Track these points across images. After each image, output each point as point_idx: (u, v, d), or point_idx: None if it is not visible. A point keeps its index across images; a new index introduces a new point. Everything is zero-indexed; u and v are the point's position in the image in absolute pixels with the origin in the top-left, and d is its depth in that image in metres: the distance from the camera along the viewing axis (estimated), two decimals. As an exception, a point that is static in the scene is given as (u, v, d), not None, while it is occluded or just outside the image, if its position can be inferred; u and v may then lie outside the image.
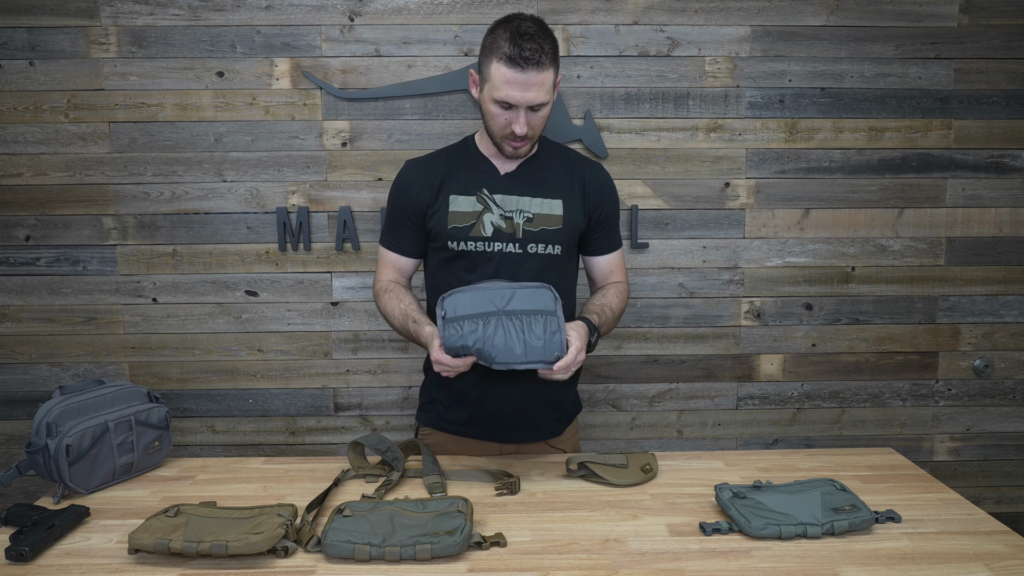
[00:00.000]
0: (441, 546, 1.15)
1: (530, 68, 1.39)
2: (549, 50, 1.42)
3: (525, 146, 1.50)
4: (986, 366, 2.35)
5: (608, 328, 1.58)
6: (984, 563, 1.15)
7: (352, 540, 1.16)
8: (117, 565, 1.16)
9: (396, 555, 1.14)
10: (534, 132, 1.49)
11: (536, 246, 1.54)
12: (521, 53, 1.38)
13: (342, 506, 1.27)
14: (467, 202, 1.54)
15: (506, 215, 1.53)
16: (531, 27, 1.41)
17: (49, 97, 2.14)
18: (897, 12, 2.19)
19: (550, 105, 1.48)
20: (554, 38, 1.45)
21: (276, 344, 2.27)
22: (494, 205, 1.54)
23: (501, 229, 1.53)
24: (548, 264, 1.55)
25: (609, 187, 1.63)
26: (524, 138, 1.47)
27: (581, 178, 1.59)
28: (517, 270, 1.53)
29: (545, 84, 1.42)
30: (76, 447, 1.38)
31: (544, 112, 1.47)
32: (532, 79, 1.40)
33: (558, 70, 1.48)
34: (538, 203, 1.55)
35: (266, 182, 2.20)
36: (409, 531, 1.20)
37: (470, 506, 1.27)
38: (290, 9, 2.13)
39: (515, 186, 1.55)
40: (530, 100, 1.42)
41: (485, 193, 1.54)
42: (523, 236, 1.53)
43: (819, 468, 1.52)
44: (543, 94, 1.43)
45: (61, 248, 2.21)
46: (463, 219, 1.54)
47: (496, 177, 1.56)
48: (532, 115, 1.45)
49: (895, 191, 2.28)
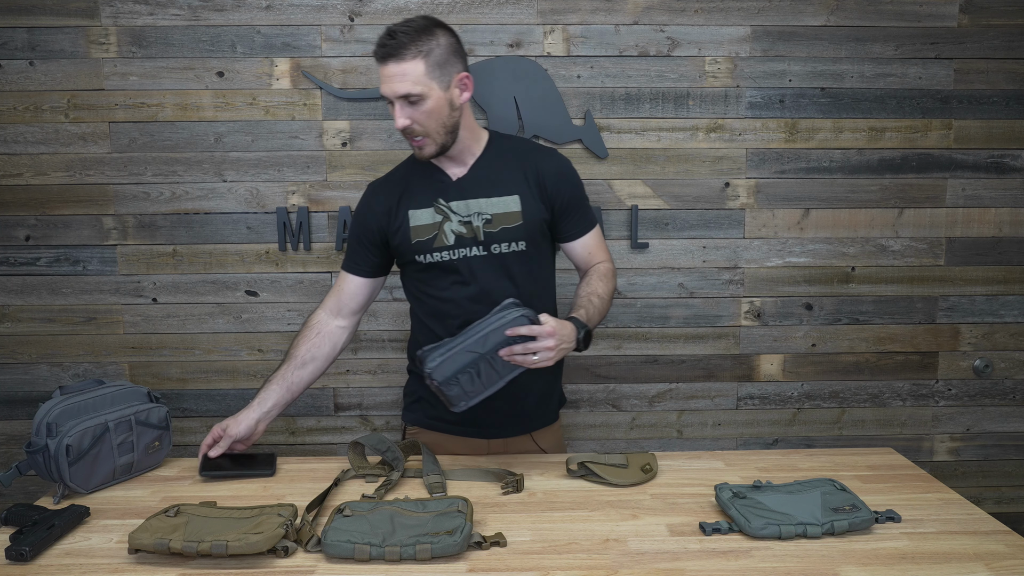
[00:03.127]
0: (441, 546, 1.15)
1: (389, 60, 1.42)
2: (409, 42, 1.41)
3: (427, 146, 1.49)
4: (986, 366, 2.35)
5: (600, 316, 1.56)
6: (984, 563, 1.15)
7: (352, 540, 1.16)
8: (117, 565, 1.16)
9: (396, 555, 1.14)
10: (424, 127, 1.46)
11: (499, 246, 1.55)
12: (381, 47, 1.43)
13: (342, 506, 1.27)
14: (426, 214, 1.56)
15: (464, 220, 1.54)
16: (401, 26, 1.44)
17: (49, 97, 2.14)
18: (897, 12, 2.19)
19: (435, 100, 1.44)
20: (429, 36, 1.43)
21: (276, 344, 2.27)
22: (451, 212, 1.55)
23: (463, 235, 1.54)
24: (515, 261, 1.56)
25: (565, 171, 1.61)
26: (416, 135, 1.47)
27: (535, 168, 1.57)
28: (485, 272, 1.55)
29: (408, 75, 1.41)
30: (76, 447, 1.38)
31: (427, 106, 1.44)
32: (392, 70, 1.42)
33: (439, 65, 1.44)
34: (494, 203, 1.55)
35: (266, 182, 2.20)
36: (409, 531, 1.20)
37: (470, 506, 1.27)
38: (290, 9, 2.13)
39: (469, 189, 1.55)
40: (394, 91, 1.43)
41: (441, 203, 1.55)
42: (485, 238, 1.54)
43: (819, 468, 1.52)
44: (407, 84, 1.42)
45: (61, 248, 2.21)
46: (425, 232, 1.56)
47: (449, 184, 1.56)
48: (413, 110, 1.44)
49: (895, 191, 2.28)
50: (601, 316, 1.57)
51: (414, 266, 1.59)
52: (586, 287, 1.59)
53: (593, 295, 1.56)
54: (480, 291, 1.55)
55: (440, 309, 1.60)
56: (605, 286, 1.59)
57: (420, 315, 1.65)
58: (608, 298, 1.59)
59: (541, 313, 1.40)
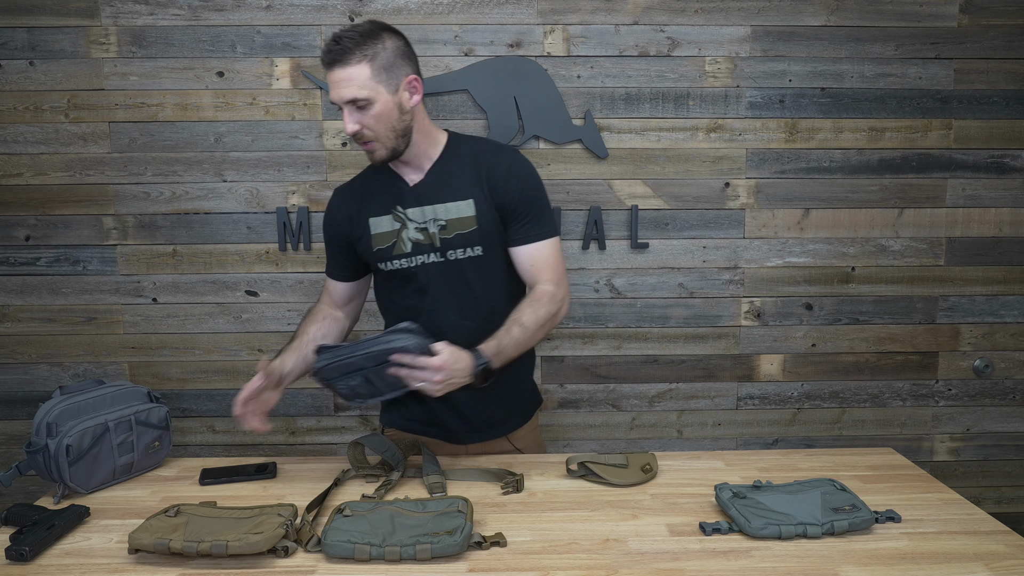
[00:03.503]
0: (441, 546, 1.15)
1: (335, 65, 1.40)
2: (355, 47, 1.40)
3: (377, 151, 1.46)
4: (986, 366, 2.35)
5: (518, 347, 1.46)
6: (984, 563, 1.15)
7: (352, 540, 1.16)
8: (117, 565, 1.16)
9: (396, 555, 1.14)
10: (375, 133, 1.44)
11: (455, 252, 1.52)
12: (326, 54, 1.41)
13: (342, 506, 1.27)
14: (385, 222, 1.55)
15: (420, 227, 1.52)
16: (346, 32, 1.42)
17: (49, 97, 2.14)
18: (897, 12, 2.19)
19: (384, 104, 1.42)
20: (375, 36, 1.42)
21: (276, 344, 2.27)
22: (408, 220, 1.53)
23: (420, 242, 1.52)
24: (471, 267, 1.53)
25: (517, 171, 1.53)
26: (365, 139, 1.45)
27: (487, 169, 1.52)
28: (444, 279, 1.53)
29: (354, 80, 1.40)
30: (76, 447, 1.38)
31: (376, 110, 1.42)
32: (337, 75, 1.40)
33: (385, 69, 1.42)
34: (449, 208, 1.51)
35: (266, 182, 2.20)
36: (409, 531, 1.20)
37: (470, 506, 1.27)
38: (290, 9, 2.13)
39: (425, 195, 1.53)
40: (341, 96, 1.41)
41: (398, 210, 1.54)
42: (441, 244, 1.52)
43: (819, 468, 1.52)
44: (353, 89, 1.40)
45: (61, 248, 2.21)
46: (385, 240, 1.55)
47: (406, 190, 1.54)
48: (361, 114, 1.42)
49: (895, 191, 2.28)
50: (520, 347, 1.48)
51: (378, 274, 1.60)
52: (513, 313, 1.49)
53: (515, 324, 1.46)
54: (437, 299, 1.54)
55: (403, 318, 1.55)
56: (534, 314, 1.48)
57: (386, 319, 1.66)
58: (535, 327, 1.48)
59: (440, 342, 1.36)
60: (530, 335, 1.48)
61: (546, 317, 1.50)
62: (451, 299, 1.54)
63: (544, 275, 1.54)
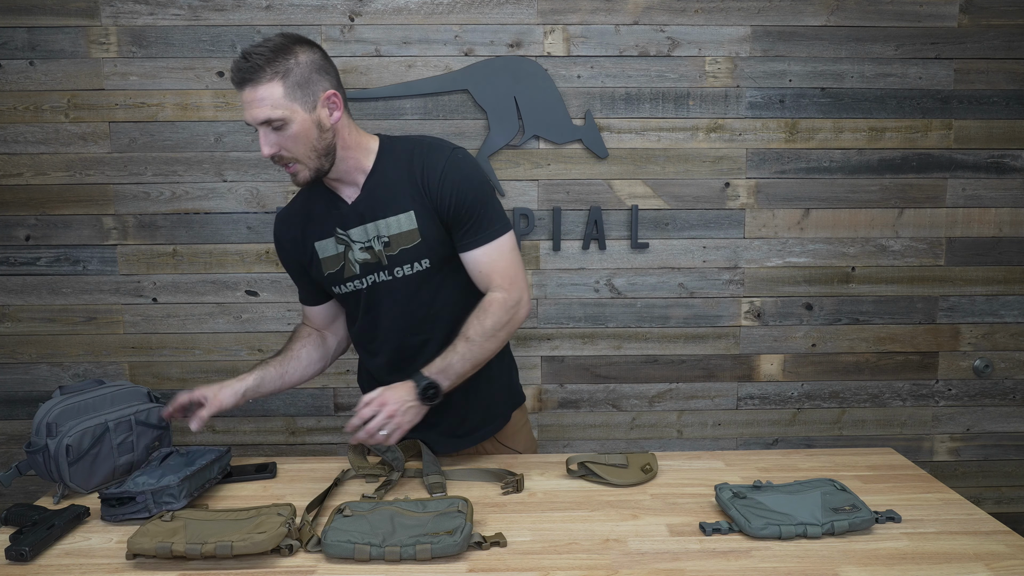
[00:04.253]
0: (441, 546, 1.15)
1: (245, 85, 1.31)
2: (265, 64, 1.30)
3: (301, 171, 1.38)
4: (986, 366, 2.35)
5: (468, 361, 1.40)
6: (984, 563, 1.15)
7: (352, 540, 1.16)
8: (117, 565, 1.16)
9: (396, 555, 1.14)
10: (295, 153, 1.35)
11: (403, 268, 1.44)
12: (235, 73, 1.31)
13: (342, 506, 1.27)
14: (330, 245, 1.48)
15: (365, 246, 1.45)
16: (256, 48, 1.31)
17: (49, 97, 2.14)
18: (897, 12, 2.19)
19: (301, 123, 1.33)
20: (287, 50, 1.32)
21: (276, 344, 2.27)
22: (351, 241, 1.46)
23: (368, 262, 1.45)
24: (420, 281, 1.46)
25: (451, 175, 1.41)
26: (286, 161, 1.37)
27: (420, 171, 1.42)
28: (395, 297, 1.47)
29: (266, 99, 1.30)
30: (76, 447, 1.38)
31: (292, 130, 1.33)
32: (249, 96, 1.31)
33: (299, 85, 1.32)
34: (391, 223, 1.43)
35: (266, 182, 2.20)
36: (409, 531, 1.20)
37: (470, 506, 1.27)
38: (290, 9, 2.13)
39: (366, 212, 1.44)
40: (255, 117, 1.31)
41: (339, 232, 1.46)
42: (388, 262, 1.44)
43: (819, 468, 1.52)
44: (267, 109, 1.30)
45: (61, 248, 2.21)
46: (333, 264, 1.49)
47: (345, 209, 1.45)
48: (279, 136, 1.33)
49: (895, 191, 2.28)
50: (472, 360, 1.40)
51: (336, 297, 1.54)
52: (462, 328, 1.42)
53: (461, 339, 1.40)
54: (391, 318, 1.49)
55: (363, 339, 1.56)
56: (479, 325, 1.40)
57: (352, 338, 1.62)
58: (483, 338, 1.40)
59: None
60: (479, 347, 1.40)
61: (494, 327, 1.41)
62: (405, 317, 1.48)
63: (494, 280, 1.44)
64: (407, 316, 1.48)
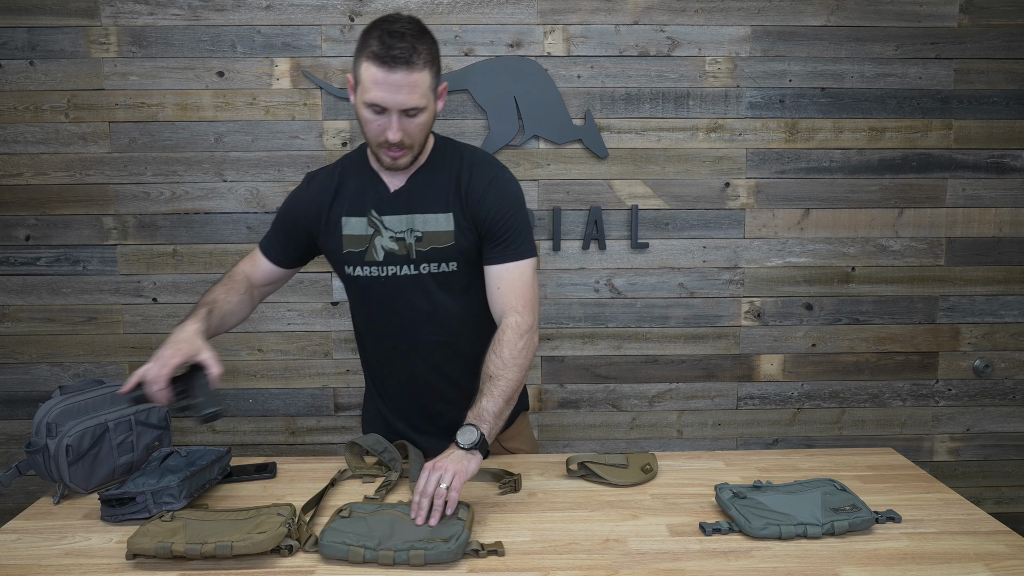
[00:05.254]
0: (435, 552, 1.13)
1: (399, 68, 1.27)
2: (423, 51, 1.29)
3: (404, 157, 1.37)
4: (986, 366, 2.35)
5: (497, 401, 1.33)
6: (984, 563, 1.15)
7: (347, 542, 1.15)
8: (117, 565, 1.16)
9: (389, 559, 1.13)
10: (412, 141, 1.35)
11: (429, 265, 1.44)
12: (390, 51, 1.26)
13: (344, 507, 1.26)
14: (359, 224, 1.45)
15: (397, 236, 1.43)
16: (404, 27, 1.29)
17: (49, 97, 2.14)
18: (897, 12, 2.19)
19: (430, 113, 1.35)
20: (433, 40, 1.33)
21: (276, 344, 2.27)
22: (383, 227, 1.44)
23: (393, 252, 1.44)
24: (444, 283, 1.46)
25: (495, 190, 1.43)
26: (401, 147, 1.35)
27: (466, 183, 1.43)
28: (414, 292, 1.46)
29: (418, 87, 1.29)
30: (76, 447, 1.38)
31: (422, 119, 1.33)
32: (402, 80, 1.27)
33: (438, 76, 1.35)
34: (428, 219, 1.43)
35: (266, 182, 2.20)
36: (408, 536, 1.19)
37: (471, 513, 1.25)
38: (290, 9, 2.13)
39: (404, 203, 1.44)
40: (400, 103, 1.29)
41: (374, 215, 1.44)
42: (416, 256, 1.43)
43: (819, 468, 1.52)
44: (415, 97, 1.30)
45: (61, 248, 2.21)
46: (357, 243, 1.46)
47: (385, 195, 1.44)
48: (408, 121, 1.32)
49: (895, 191, 2.28)
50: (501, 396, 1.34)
51: (344, 277, 1.50)
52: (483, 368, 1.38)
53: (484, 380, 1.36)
54: (405, 311, 1.48)
55: (367, 323, 1.54)
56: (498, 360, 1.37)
57: (354, 320, 1.59)
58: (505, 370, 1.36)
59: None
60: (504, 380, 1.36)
61: (511, 355, 1.37)
62: (421, 312, 1.47)
63: (510, 300, 1.42)
64: (424, 313, 1.47)
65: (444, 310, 1.47)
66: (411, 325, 1.48)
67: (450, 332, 1.49)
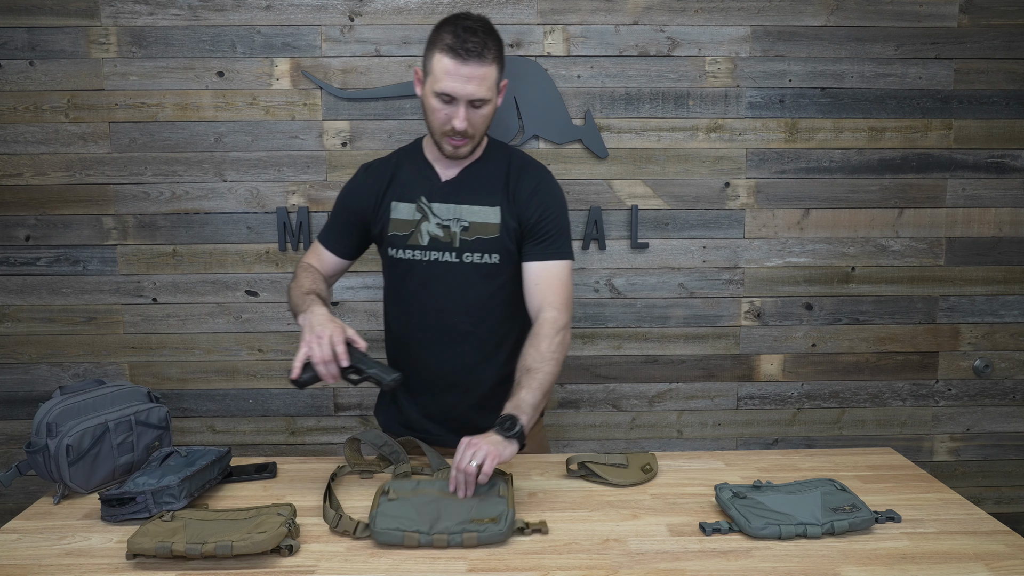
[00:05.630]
0: (487, 535, 1.19)
1: (471, 60, 1.37)
2: (493, 47, 1.41)
3: (466, 146, 1.47)
4: (986, 366, 2.35)
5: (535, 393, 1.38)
6: (984, 563, 1.15)
7: (401, 527, 1.20)
8: (117, 565, 1.16)
9: (444, 542, 1.19)
10: (475, 131, 1.46)
11: (472, 255, 1.52)
12: (463, 44, 1.37)
13: (386, 487, 1.29)
14: (407, 209, 1.54)
15: (443, 223, 1.52)
16: (477, 24, 1.41)
17: (49, 97, 2.14)
18: (897, 12, 2.19)
19: (492, 106, 1.46)
20: (499, 39, 1.45)
21: (276, 344, 2.27)
22: (431, 214, 1.52)
23: (438, 238, 1.52)
24: (486, 274, 1.53)
25: (542, 193, 1.53)
26: (464, 136, 1.44)
27: (516, 183, 1.53)
28: (453, 279, 1.53)
29: (487, 80, 1.40)
30: (76, 447, 1.38)
31: (486, 111, 1.44)
32: (473, 72, 1.38)
33: (502, 71, 1.46)
34: (475, 211, 1.52)
35: (266, 182, 2.20)
36: (455, 516, 1.23)
37: (511, 488, 1.30)
38: (290, 9, 2.13)
39: (454, 193, 1.53)
40: (470, 93, 1.39)
41: (423, 202, 1.53)
42: (460, 245, 1.52)
43: (819, 468, 1.52)
44: (484, 89, 1.40)
45: (61, 248, 2.21)
46: (403, 227, 1.54)
47: (436, 184, 1.54)
48: (473, 112, 1.43)
49: (895, 191, 2.28)
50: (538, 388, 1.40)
51: (386, 258, 1.59)
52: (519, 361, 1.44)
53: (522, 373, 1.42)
54: (442, 297, 1.54)
55: (400, 307, 1.59)
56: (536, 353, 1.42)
57: (387, 308, 1.65)
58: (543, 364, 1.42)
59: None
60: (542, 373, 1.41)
61: (549, 349, 1.43)
62: (457, 300, 1.53)
63: (548, 297, 1.49)
64: (460, 300, 1.53)
65: (476, 298, 1.54)
66: (443, 310, 1.54)
67: (477, 320, 1.55)
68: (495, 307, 1.55)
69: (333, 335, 1.33)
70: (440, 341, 1.56)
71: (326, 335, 1.32)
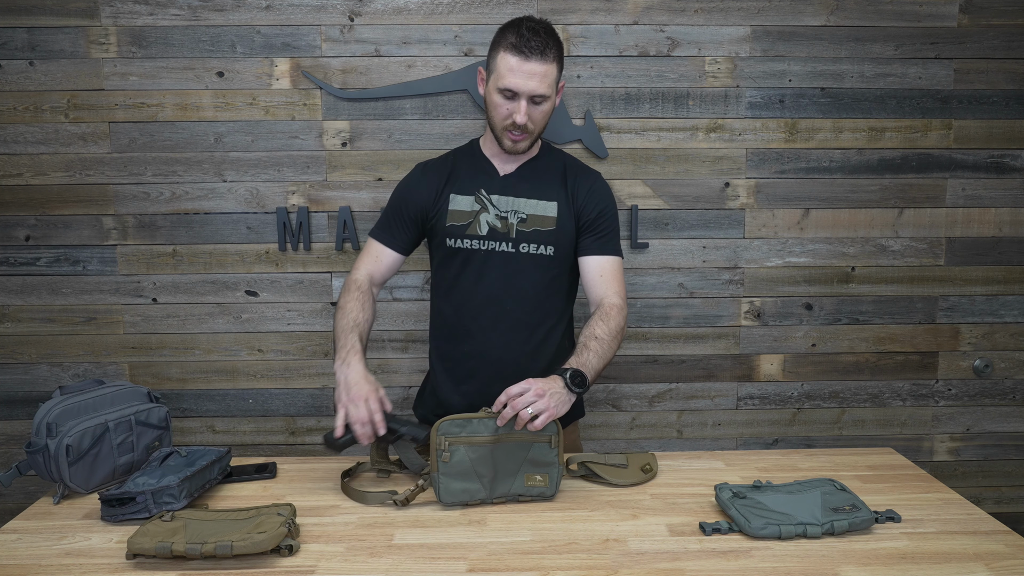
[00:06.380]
0: (539, 491, 1.37)
1: (533, 57, 1.46)
2: (554, 47, 1.50)
3: (525, 141, 1.55)
4: (986, 366, 2.35)
5: (600, 357, 1.47)
6: (984, 563, 1.15)
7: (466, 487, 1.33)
8: (117, 565, 1.16)
9: (503, 501, 1.36)
10: (535, 127, 1.54)
11: (528, 246, 1.59)
12: (527, 43, 1.46)
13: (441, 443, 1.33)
14: (466, 201, 1.61)
15: (501, 215, 1.59)
16: (539, 25, 1.50)
17: (49, 97, 2.14)
18: (897, 12, 2.19)
19: (551, 103, 1.54)
20: (559, 41, 1.53)
21: (276, 344, 2.27)
22: (490, 205, 1.60)
23: (496, 228, 1.59)
24: (540, 265, 1.60)
25: (599, 192, 1.64)
26: (524, 131, 1.53)
27: (574, 181, 1.63)
28: (508, 268, 1.59)
29: (547, 77, 1.49)
30: (76, 447, 1.38)
31: (545, 107, 1.52)
32: (535, 68, 1.46)
33: (561, 71, 1.55)
34: (533, 204, 1.60)
35: (266, 182, 2.20)
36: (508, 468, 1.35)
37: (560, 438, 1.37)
38: (290, 9, 2.13)
39: (512, 187, 1.61)
40: (532, 89, 1.47)
41: (483, 193, 1.61)
42: (516, 236, 1.59)
43: (819, 468, 1.52)
44: (544, 86, 1.49)
45: (61, 248, 2.21)
46: (461, 217, 1.61)
47: (495, 177, 1.62)
48: (533, 108, 1.51)
49: (895, 191, 2.28)
50: (602, 358, 1.48)
51: (442, 249, 1.63)
52: (584, 330, 1.52)
53: (590, 339, 1.49)
54: (495, 287, 1.59)
55: (454, 295, 1.64)
56: (604, 327, 1.51)
57: (437, 299, 1.70)
58: (609, 338, 1.50)
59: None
60: (607, 345, 1.49)
61: (617, 328, 1.52)
62: (509, 290, 1.59)
63: (612, 287, 1.59)
64: (512, 289, 1.59)
65: (530, 287, 1.60)
66: (496, 298, 1.60)
67: (529, 309, 1.61)
68: (547, 297, 1.62)
69: (369, 399, 1.39)
70: (492, 328, 1.61)
71: (362, 398, 1.39)
